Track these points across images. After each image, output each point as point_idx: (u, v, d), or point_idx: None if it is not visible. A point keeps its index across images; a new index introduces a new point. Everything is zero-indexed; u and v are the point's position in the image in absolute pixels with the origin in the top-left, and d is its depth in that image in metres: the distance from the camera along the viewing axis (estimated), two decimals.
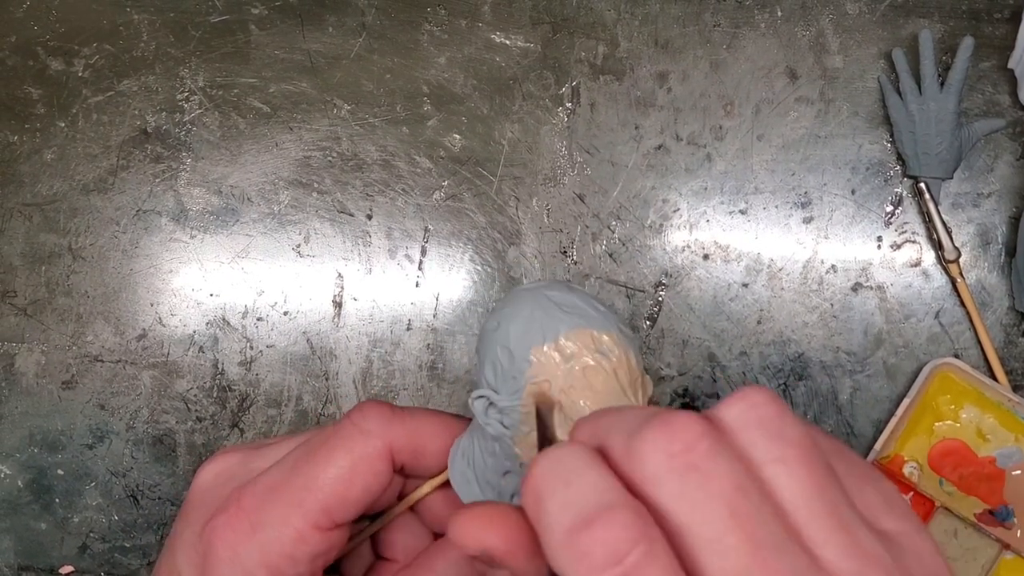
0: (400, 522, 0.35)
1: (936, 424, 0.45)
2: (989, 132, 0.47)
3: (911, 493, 0.44)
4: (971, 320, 0.46)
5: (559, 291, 0.31)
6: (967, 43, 0.45)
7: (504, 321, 0.31)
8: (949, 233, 0.46)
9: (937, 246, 0.47)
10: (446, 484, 0.34)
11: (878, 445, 0.45)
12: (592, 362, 0.29)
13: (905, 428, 0.45)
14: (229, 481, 0.33)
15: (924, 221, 0.47)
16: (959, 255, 0.46)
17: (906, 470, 0.45)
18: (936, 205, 0.46)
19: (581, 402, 0.29)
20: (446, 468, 0.33)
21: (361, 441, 0.32)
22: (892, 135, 0.47)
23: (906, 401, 0.45)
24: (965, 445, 0.45)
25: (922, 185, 0.46)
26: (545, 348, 0.30)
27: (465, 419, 0.34)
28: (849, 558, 0.20)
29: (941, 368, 0.45)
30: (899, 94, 0.47)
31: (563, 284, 0.32)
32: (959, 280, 0.46)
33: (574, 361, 0.29)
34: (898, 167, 0.48)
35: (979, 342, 0.46)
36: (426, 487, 0.34)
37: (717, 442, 0.20)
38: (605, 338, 0.30)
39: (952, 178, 0.47)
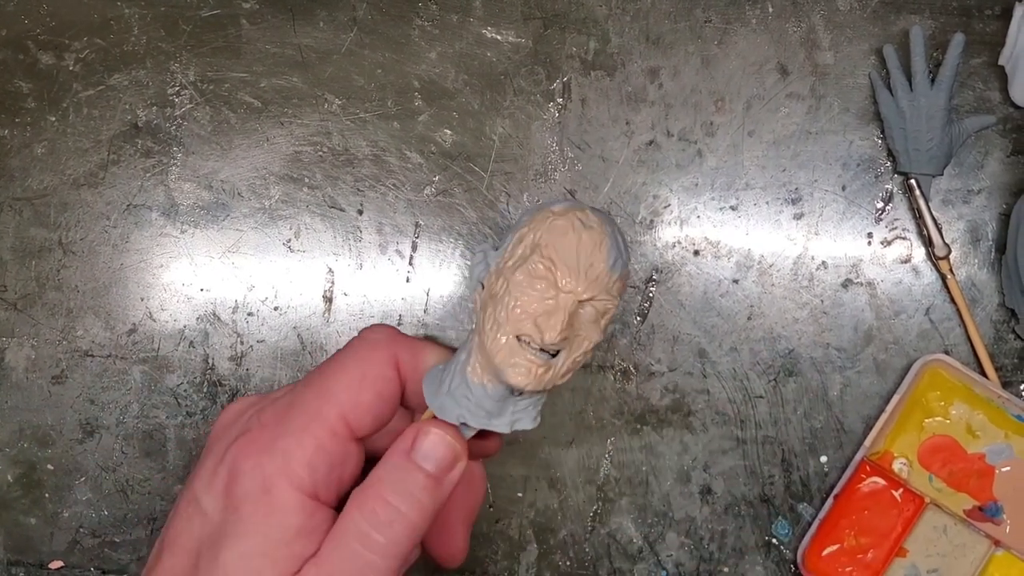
0: None
1: (926, 420, 0.45)
2: (980, 128, 0.47)
3: (901, 489, 0.45)
4: (961, 316, 0.47)
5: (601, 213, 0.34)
6: (958, 39, 0.45)
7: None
8: (939, 229, 0.46)
9: (927, 242, 0.47)
10: None
11: (868, 441, 0.45)
12: (569, 223, 0.31)
13: (895, 424, 0.45)
14: (249, 415, 0.33)
15: (914, 217, 0.47)
16: (949, 251, 0.46)
17: (896, 466, 0.45)
18: (926, 201, 0.46)
19: (543, 242, 0.31)
20: None
21: (369, 349, 0.33)
22: (883, 131, 0.48)
23: (896, 397, 0.45)
24: (955, 441, 0.45)
25: (912, 181, 0.46)
26: (544, 210, 0.32)
27: None
28: None
29: (931, 364, 0.45)
30: (890, 90, 0.47)
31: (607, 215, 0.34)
32: (949, 276, 0.46)
33: (554, 217, 0.31)
34: (889, 163, 0.48)
35: (969, 338, 0.46)
36: (427, 413, 0.34)
37: None
38: (595, 219, 0.32)
39: (943, 174, 0.47)
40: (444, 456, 0.32)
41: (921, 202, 0.46)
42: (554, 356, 0.31)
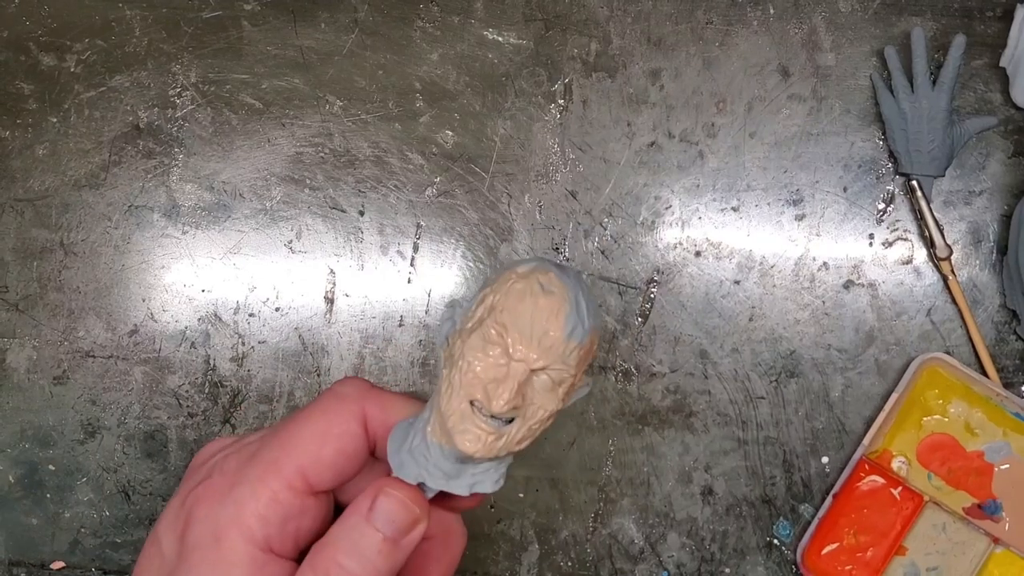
0: None
1: (924, 419, 0.45)
2: (981, 130, 0.47)
3: (900, 488, 0.45)
4: (962, 317, 0.47)
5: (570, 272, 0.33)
6: (959, 41, 0.45)
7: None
8: (941, 230, 0.46)
9: (929, 243, 0.47)
10: None
11: (866, 440, 0.45)
12: (528, 287, 0.30)
13: (894, 423, 0.45)
14: (217, 459, 0.33)
15: (916, 219, 0.47)
16: (950, 252, 0.46)
17: (895, 465, 0.45)
18: (928, 202, 0.46)
19: (498, 306, 0.30)
20: None
21: (336, 403, 0.33)
22: (884, 133, 0.48)
23: (894, 396, 0.45)
24: (954, 439, 0.45)
25: (914, 183, 0.46)
26: (509, 271, 0.31)
27: None
28: None
29: (929, 363, 0.45)
30: (891, 92, 0.47)
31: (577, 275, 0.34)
32: (950, 277, 0.46)
33: (515, 280, 0.30)
34: (890, 165, 0.48)
35: (970, 339, 0.46)
36: None
37: None
38: (557, 283, 0.31)
39: (944, 176, 0.47)
40: (402, 520, 0.31)
41: (922, 203, 0.46)
42: (509, 423, 0.31)
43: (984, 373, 0.46)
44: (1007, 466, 0.45)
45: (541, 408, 0.31)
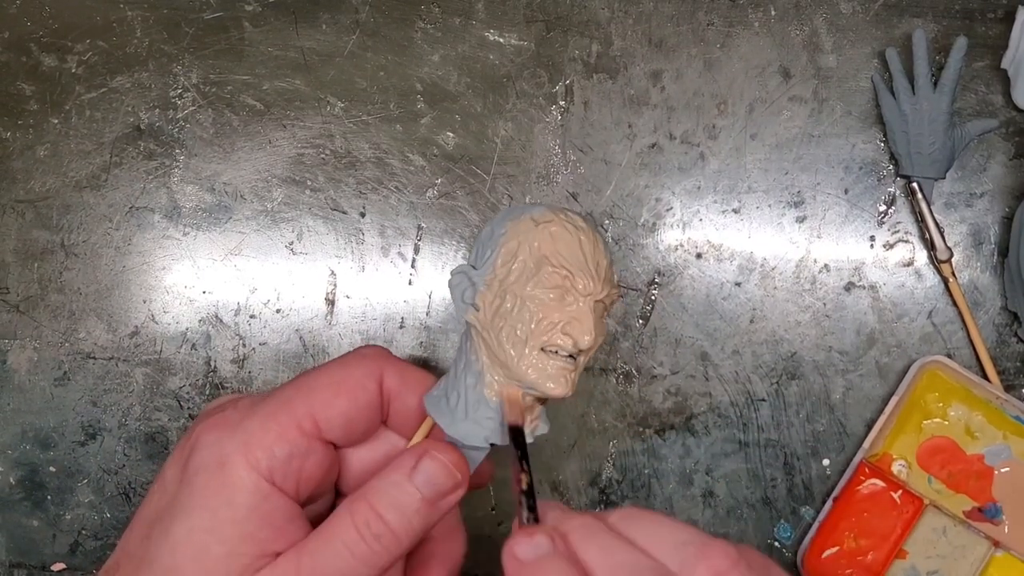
0: None
1: (925, 422, 0.45)
2: (982, 132, 0.47)
3: (900, 491, 0.45)
4: (963, 320, 0.47)
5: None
6: (960, 43, 0.45)
7: (492, 219, 0.33)
8: (941, 233, 0.46)
9: (929, 246, 0.47)
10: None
11: (866, 443, 0.45)
12: (561, 226, 0.31)
13: (894, 426, 0.45)
14: (230, 402, 0.34)
15: (916, 221, 0.47)
16: (951, 255, 0.46)
17: (895, 468, 0.45)
18: (928, 205, 0.46)
19: (547, 250, 0.31)
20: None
21: (356, 359, 0.34)
22: (885, 134, 0.48)
23: (894, 399, 0.45)
24: (954, 443, 0.45)
25: (915, 185, 0.46)
26: (522, 218, 0.32)
27: None
28: None
29: (929, 366, 0.45)
30: (892, 94, 0.47)
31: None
32: (951, 280, 0.46)
33: (545, 224, 0.31)
34: (891, 166, 0.48)
35: (971, 342, 0.46)
36: (419, 434, 0.34)
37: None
38: (579, 220, 0.32)
39: (945, 178, 0.47)
40: (444, 483, 0.32)
41: (923, 206, 0.46)
42: (576, 356, 0.32)
43: (985, 376, 0.46)
44: (1007, 469, 0.45)
45: (599, 335, 0.32)
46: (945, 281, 0.47)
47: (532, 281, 0.31)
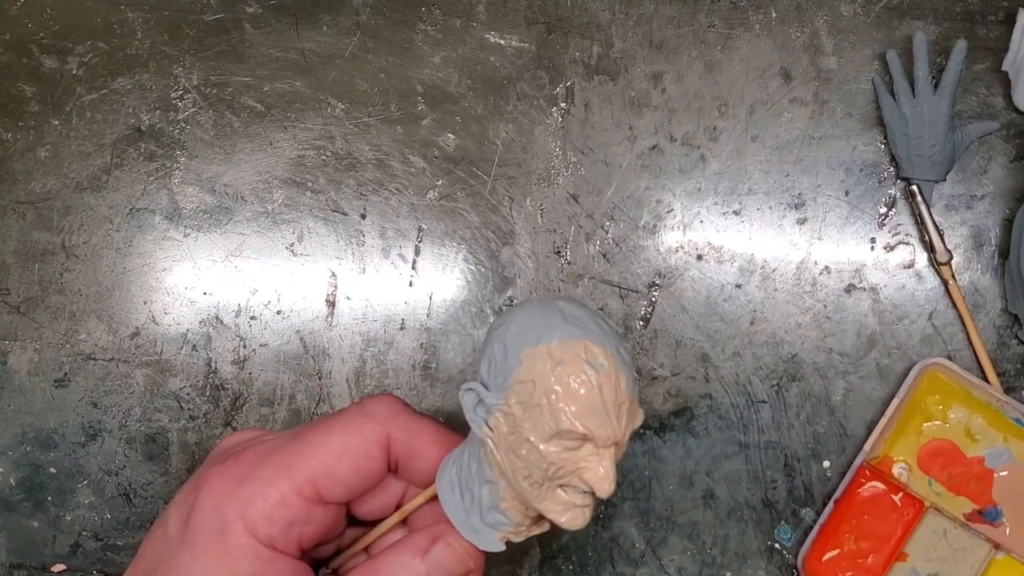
0: (396, 532, 0.36)
1: (925, 424, 0.45)
2: (982, 135, 0.47)
3: (900, 494, 0.45)
4: (963, 322, 0.47)
5: (568, 303, 0.31)
6: (960, 46, 0.45)
7: (508, 320, 0.31)
8: (941, 235, 0.46)
9: (929, 248, 0.47)
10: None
11: (867, 446, 0.45)
12: (579, 371, 0.29)
13: (894, 429, 0.45)
14: (239, 448, 0.33)
15: (916, 223, 0.47)
16: (951, 257, 0.46)
17: (895, 470, 0.45)
18: (928, 207, 0.46)
19: (564, 408, 0.29)
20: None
21: (361, 421, 0.33)
22: (886, 136, 0.48)
23: (895, 401, 0.45)
24: (954, 445, 0.45)
25: (914, 187, 0.46)
26: (538, 349, 0.30)
27: (464, 437, 0.34)
28: None
29: (930, 368, 0.45)
30: (893, 96, 0.47)
31: (575, 300, 0.32)
32: (951, 282, 0.46)
33: (562, 367, 0.29)
34: (892, 168, 0.48)
35: (971, 344, 0.46)
36: (420, 498, 0.34)
37: None
38: (598, 351, 0.30)
39: (945, 180, 0.47)
40: (456, 571, 0.32)
41: (923, 208, 0.46)
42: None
43: (985, 378, 0.46)
44: (1007, 472, 0.45)
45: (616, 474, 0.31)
46: (945, 283, 0.47)
47: (549, 441, 0.30)
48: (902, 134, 0.46)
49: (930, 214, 0.46)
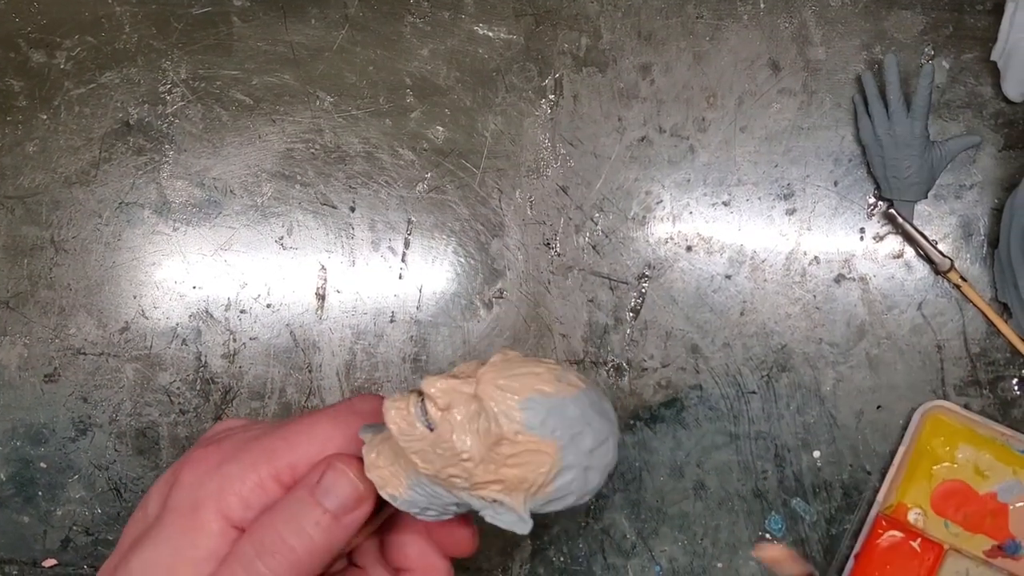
0: (401, 532, 0.35)
1: (934, 467, 0.45)
2: (963, 150, 0.47)
3: (919, 539, 0.44)
4: (987, 317, 0.46)
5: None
6: (927, 70, 0.45)
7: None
8: (935, 246, 0.46)
9: (927, 261, 0.47)
10: None
11: (880, 496, 0.45)
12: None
13: (904, 476, 0.45)
14: (224, 434, 0.33)
15: (906, 242, 0.47)
16: (952, 263, 0.46)
17: (911, 517, 0.45)
18: (913, 226, 0.46)
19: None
20: None
21: (348, 415, 0.33)
22: (865, 157, 0.47)
23: (901, 449, 0.45)
24: (965, 484, 0.45)
25: (892, 212, 0.46)
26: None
27: None
28: None
29: (931, 412, 0.45)
30: (869, 117, 0.47)
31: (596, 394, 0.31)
32: (963, 284, 0.46)
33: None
34: (875, 188, 0.48)
35: (1002, 335, 0.46)
36: None
37: None
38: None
39: (926, 198, 0.47)
40: (347, 495, 0.31)
41: (907, 227, 0.46)
42: (428, 428, 0.30)
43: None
44: (1021, 504, 0.45)
45: (457, 438, 0.29)
46: (957, 287, 0.47)
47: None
48: (878, 156, 0.46)
49: (917, 230, 0.46)
